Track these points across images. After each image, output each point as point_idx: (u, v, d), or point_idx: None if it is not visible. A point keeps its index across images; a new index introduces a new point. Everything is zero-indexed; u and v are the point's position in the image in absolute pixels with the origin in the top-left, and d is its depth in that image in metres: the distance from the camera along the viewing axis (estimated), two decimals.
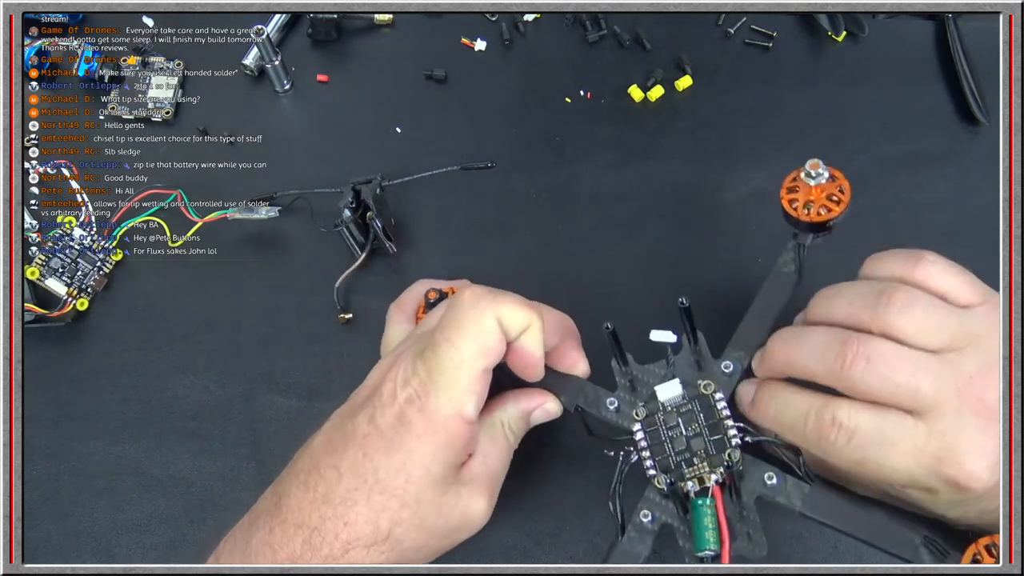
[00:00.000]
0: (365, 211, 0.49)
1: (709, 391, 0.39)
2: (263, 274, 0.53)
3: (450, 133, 0.57)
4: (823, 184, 0.40)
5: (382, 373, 0.38)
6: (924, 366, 0.35)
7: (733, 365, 0.40)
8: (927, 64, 0.58)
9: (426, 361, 0.36)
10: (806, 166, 0.41)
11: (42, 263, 0.51)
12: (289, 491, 0.36)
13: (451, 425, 0.35)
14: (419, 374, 0.36)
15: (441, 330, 0.36)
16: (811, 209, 0.41)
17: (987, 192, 0.53)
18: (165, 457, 0.48)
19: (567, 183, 0.55)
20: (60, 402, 0.50)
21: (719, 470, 0.37)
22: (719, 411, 0.38)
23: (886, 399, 0.35)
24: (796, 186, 0.42)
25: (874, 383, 0.35)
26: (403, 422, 0.35)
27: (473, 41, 0.60)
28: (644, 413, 0.39)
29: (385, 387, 0.37)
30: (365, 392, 0.39)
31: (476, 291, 0.37)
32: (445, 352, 0.35)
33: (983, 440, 0.34)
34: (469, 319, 0.36)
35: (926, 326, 0.35)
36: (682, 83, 0.58)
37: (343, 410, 0.39)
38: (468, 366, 0.35)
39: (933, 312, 0.36)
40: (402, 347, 0.39)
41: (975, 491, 0.34)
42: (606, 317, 0.51)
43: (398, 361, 0.37)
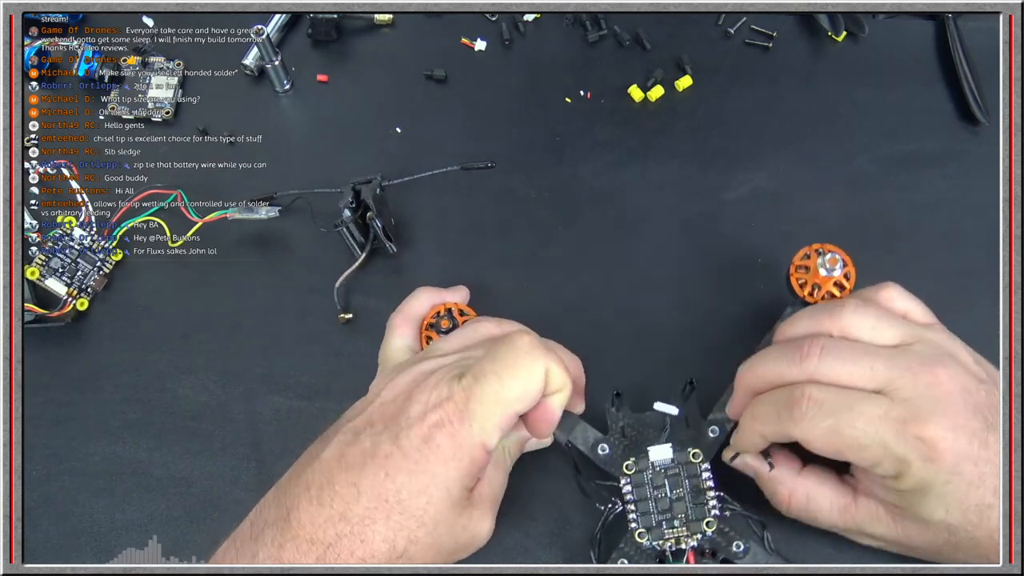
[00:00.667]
0: (365, 211, 0.49)
1: (697, 460, 0.42)
2: (263, 274, 0.53)
3: (450, 133, 0.57)
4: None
5: (402, 391, 0.38)
6: (876, 352, 0.37)
7: (719, 430, 0.43)
8: (927, 64, 0.58)
9: (466, 388, 0.36)
10: (825, 259, 0.43)
11: (42, 263, 0.51)
12: (299, 504, 0.36)
13: (476, 453, 0.36)
14: (455, 399, 0.36)
15: (491, 363, 0.37)
16: (816, 293, 0.44)
17: (987, 192, 0.53)
18: (165, 457, 0.48)
19: (567, 183, 0.55)
20: (60, 402, 0.50)
21: (696, 536, 0.41)
22: (703, 480, 0.42)
23: (846, 381, 0.36)
24: (806, 265, 0.44)
25: (833, 367, 0.37)
26: (430, 445, 0.36)
27: (473, 41, 0.60)
28: (634, 468, 0.42)
29: (413, 408, 0.37)
30: (381, 408, 0.38)
31: (535, 339, 0.39)
32: (491, 385, 0.36)
33: (943, 409, 0.35)
34: (523, 363, 0.37)
35: (879, 325, 0.38)
36: (682, 83, 0.58)
37: (356, 423, 0.38)
38: (507, 405, 0.37)
39: (886, 316, 0.39)
40: (425, 366, 0.39)
41: (943, 456, 0.35)
42: (605, 317, 0.51)
43: (428, 383, 0.37)
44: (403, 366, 0.41)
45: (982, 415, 0.36)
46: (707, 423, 0.44)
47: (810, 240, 0.52)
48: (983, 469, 0.36)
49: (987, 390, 0.37)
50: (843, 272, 0.44)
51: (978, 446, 0.35)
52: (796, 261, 0.45)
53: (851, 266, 0.44)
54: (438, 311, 0.46)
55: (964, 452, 0.35)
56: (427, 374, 0.38)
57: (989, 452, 0.36)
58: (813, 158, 0.55)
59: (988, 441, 0.36)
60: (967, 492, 0.36)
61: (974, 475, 0.35)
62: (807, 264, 0.44)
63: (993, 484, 0.36)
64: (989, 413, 0.36)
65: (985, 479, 0.36)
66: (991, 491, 0.36)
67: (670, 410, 0.44)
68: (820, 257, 0.44)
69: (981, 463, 0.35)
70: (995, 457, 0.36)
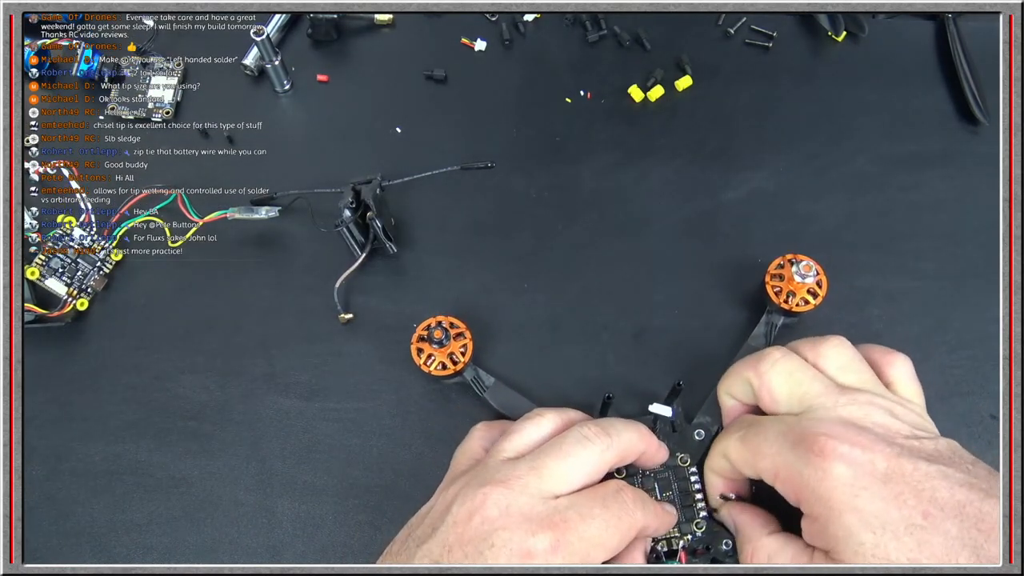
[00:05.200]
0: (365, 211, 0.49)
1: (685, 464, 0.44)
2: (263, 274, 0.53)
3: (450, 133, 0.57)
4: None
5: (483, 520, 0.36)
6: (819, 378, 0.38)
7: (704, 433, 0.45)
8: (927, 64, 0.58)
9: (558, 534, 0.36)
10: (800, 266, 0.47)
11: (42, 263, 0.51)
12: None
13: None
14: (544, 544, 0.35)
15: (589, 508, 0.36)
16: (791, 300, 0.47)
17: (987, 192, 0.53)
18: (165, 457, 0.48)
19: (567, 183, 0.55)
20: (60, 402, 0.50)
21: (687, 537, 0.42)
22: (691, 484, 0.44)
23: (791, 388, 0.38)
24: (781, 273, 0.48)
25: (780, 375, 0.39)
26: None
27: (473, 41, 0.60)
28: (624, 472, 0.43)
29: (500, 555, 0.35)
30: (464, 527, 0.36)
31: (642, 497, 0.38)
32: (586, 529, 0.36)
33: (847, 432, 0.35)
34: (624, 525, 0.37)
35: (847, 367, 0.39)
36: (682, 83, 0.58)
37: (432, 549, 0.36)
38: (607, 552, 0.37)
39: (860, 362, 0.39)
40: (502, 500, 0.36)
41: (834, 466, 0.34)
42: (605, 317, 0.51)
43: (511, 520, 0.36)
44: (476, 480, 0.38)
45: (896, 444, 0.35)
46: (692, 426, 0.45)
47: (810, 241, 0.52)
48: (897, 488, 0.33)
49: (919, 443, 0.35)
50: (815, 280, 0.47)
51: (884, 463, 0.34)
52: (771, 270, 0.48)
53: (823, 275, 0.47)
54: (428, 324, 0.47)
55: (865, 467, 0.34)
56: (505, 511, 0.36)
57: (904, 471, 0.34)
58: (813, 158, 0.55)
59: (901, 463, 0.34)
60: (886, 510, 0.33)
61: (887, 492, 0.33)
62: (781, 272, 0.48)
63: (921, 508, 0.33)
64: (906, 443, 0.35)
65: (905, 498, 0.33)
66: (919, 514, 0.33)
67: (665, 411, 0.45)
68: (794, 265, 0.47)
69: (894, 481, 0.33)
70: (923, 479, 0.33)
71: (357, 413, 0.49)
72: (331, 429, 0.48)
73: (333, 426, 0.48)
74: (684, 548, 0.42)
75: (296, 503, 0.47)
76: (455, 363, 0.46)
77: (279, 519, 0.46)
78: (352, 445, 0.48)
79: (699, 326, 0.50)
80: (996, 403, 0.48)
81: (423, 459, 0.47)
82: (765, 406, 0.40)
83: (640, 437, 0.40)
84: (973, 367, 0.49)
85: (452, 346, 0.46)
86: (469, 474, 0.39)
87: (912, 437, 0.35)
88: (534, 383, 0.48)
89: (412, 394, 0.49)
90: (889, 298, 0.51)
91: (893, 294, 0.51)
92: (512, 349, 0.50)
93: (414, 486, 0.47)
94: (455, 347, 0.46)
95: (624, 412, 0.46)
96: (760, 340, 0.48)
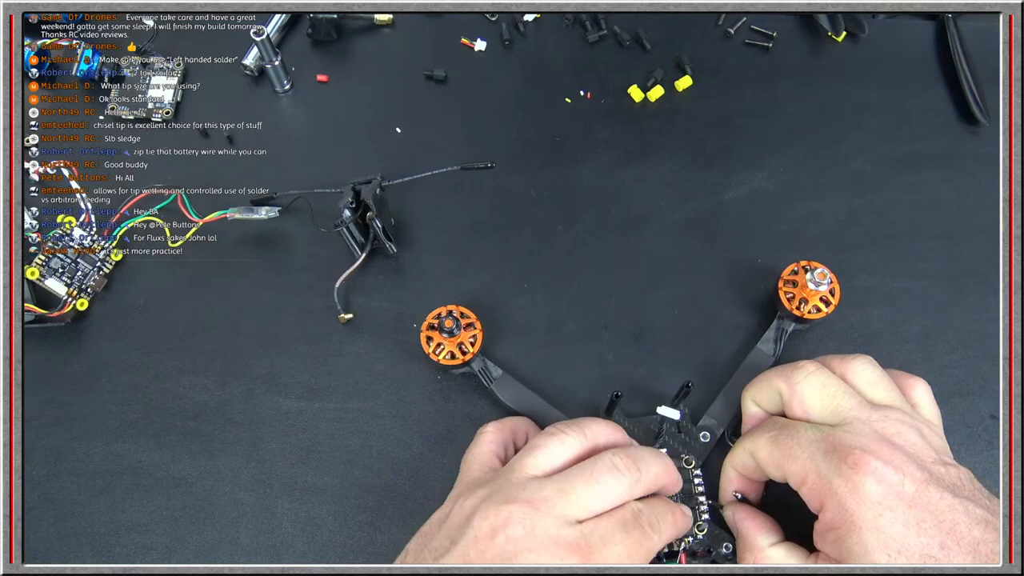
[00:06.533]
0: (365, 211, 0.49)
1: (690, 466, 0.44)
2: (263, 274, 0.53)
3: (450, 133, 0.57)
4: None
5: (497, 525, 0.35)
6: (852, 393, 0.39)
7: (710, 436, 0.45)
8: (927, 64, 0.58)
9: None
10: (815, 273, 0.46)
11: (42, 263, 0.51)
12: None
13: None
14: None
15: (612, 534, 0.36)
16: (804, 307, 0.47)
17: (987, 192, 0.53)
18: (165, 457, 0.48)
19: (567, 183, 0.55)
20: (60, 402, 0.50)
21: (688, 539, 0.42)
22: (695, 486, 0.44)
23: (824, 401, 0.39)
24: (795, 279, 0.47)
25: (813, 387, 0.40)
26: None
27: (473, 41, 0.60)
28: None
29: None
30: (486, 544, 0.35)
31: (660, 518, 0.38)
32: (608, 555, 0.36)
33: (881, 448, 0.36)
34: (644, 551, 0.37)
35: (877, 384, 0.40)
36: (682, 83, 0.58)
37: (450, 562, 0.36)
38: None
39: (887, 380, 0.40)
40: (528, 522, 0.36)
41: (866, 480, 0.35)
42: (605, 317, 0.51)
43: (537, 537, 0.35)
44: (499, 495, 0.37)
45: (925, 468, 0.35)
46: (698, 428, 0.45)
47: (809, 241, 0.52)
48: (921, 514, 0.34)
49: (941, 465, 0.36)
50: (829, 288, 0.47)
51: (913, 488, 0.34)
52: (784, 276, 0.48)
53: (836, 283, 0.47)
54: (440, 312, 0.47)
55: (894, 487, 0.34)
56: (531, 532, 0.35)
57: (931, 499, 0.34)
58: (813, 158, 0.55)
59: (928, 490, 0.34)
60: (905, 535, 0.34)
61: (910, 518, 0.34)
62: (795, 279, 0.47)
63: (939, 539, 0.34)
64: (934, 468, 0.35)
65: (927, 526, 0.34)
66: (936, 544, 0.34)
67: (672, 414, 0.45)
68: (809, 272, 0.47)
69: (919, 507, 0.34)
70: (947, 511, 0.34)
71: (357, 413, 0.49)
72: (331, 429, 0.48)
73: (333, 426, 0.48)
74: (685, 550, 0.42)
75: (296, 503, 0.47)
76: (464, 353, 0.46)
77: (279, 519, 0.46)
78: (352, 445, 0.48)
79: (699, 326, 0.50)
80: (996, 403, 0.48)
81: (423, 459, 0.47)
82: (795, 417, 0.40)
83: (666, 472, 0.40)
84: (973, 367, 0.49)
85: (462, 336, 0.46)
86: (489, 486, 0.37)
87: (938, 462, 0.36)
88: (535, 381, 0.48)
89: (412, 394, 0.49)
90: (889, 298, 0.51)
91: (893, 294, 0.51)
92: (513, 348, 0.50)
93: (414, 486, 0.47)
94: (465, 337, 0.46)
95: (628, 410, 0.46)
96: (770, 345, 0.48)
